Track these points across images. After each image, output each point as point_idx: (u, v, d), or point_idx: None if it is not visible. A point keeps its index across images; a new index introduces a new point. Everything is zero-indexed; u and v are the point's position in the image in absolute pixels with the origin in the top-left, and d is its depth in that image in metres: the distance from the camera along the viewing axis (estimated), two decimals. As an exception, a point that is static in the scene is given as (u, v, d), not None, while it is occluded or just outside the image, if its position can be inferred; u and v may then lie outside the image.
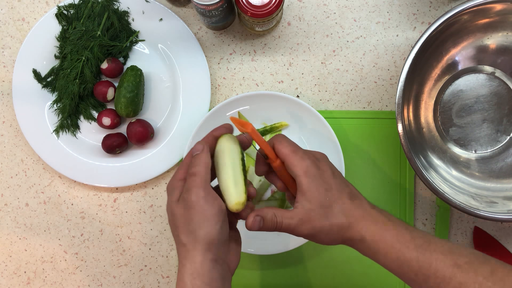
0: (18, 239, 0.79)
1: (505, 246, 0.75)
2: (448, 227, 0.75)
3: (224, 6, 0.67)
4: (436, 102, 0.75)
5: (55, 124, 0.76)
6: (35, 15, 0.78)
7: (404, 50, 0.76)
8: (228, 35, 0.77)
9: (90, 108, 0.77)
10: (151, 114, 0.77)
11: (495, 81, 0.74)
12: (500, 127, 0.74)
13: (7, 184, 0.78)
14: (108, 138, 0.74)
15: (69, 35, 0.74)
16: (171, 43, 0.76)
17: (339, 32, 0.77)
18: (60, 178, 0.78)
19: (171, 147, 0.76)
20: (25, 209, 0.78)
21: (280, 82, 0.77)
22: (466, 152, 0.75)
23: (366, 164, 0.76)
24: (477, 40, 0.72)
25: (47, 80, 0.76)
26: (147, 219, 0.78)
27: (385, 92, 0.77)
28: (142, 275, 0.78)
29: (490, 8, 0.66)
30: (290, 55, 0.77)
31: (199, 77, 0.75)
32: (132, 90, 0.72)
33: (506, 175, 0.72)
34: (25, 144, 0.78)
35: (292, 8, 0.76)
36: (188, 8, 0.77)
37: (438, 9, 0.76)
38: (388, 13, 0.76)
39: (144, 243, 0.78)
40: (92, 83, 0.75)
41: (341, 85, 0.77)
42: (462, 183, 0.72)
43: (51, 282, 0.78)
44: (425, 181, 0.65)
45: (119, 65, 0.75)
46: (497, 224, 0.76)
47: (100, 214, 0.78)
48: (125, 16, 0.75)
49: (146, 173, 0.75)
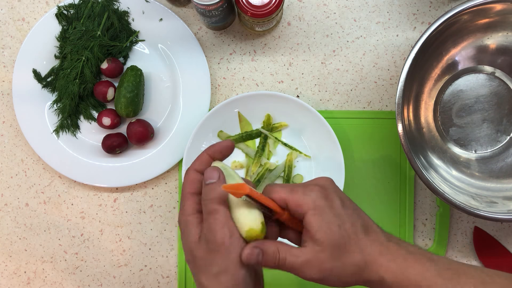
0: (18, 239, 0.79)
1: (505, 246, 0.75)
2: (448, 227, 0.75)
3: (224, 6, 0.67)
4: (436, 102, 0.75)
5: (55, 124, 0.76)
6: (35, 15, 0.78)
7: (404, 50, 0.76)
8: (228, 35, 0.77)
9: (90, 108, 0.77)
10: (151, 114, 0.77)
11: (495, 81, 0.74)
12: (500, 127, 0.74)
13: (7, 184, 0.78)
14: (108, 138, 0.74)
15: (69, 35, 0.74)
16: (171, 43, 0.76)
17: (339, 32, 0.77)
18: (60, 178, 0.78)
19: (171, 147, 0.76)
20: (25, 209, 0.78)
21: (280, 82, 0.77)
22: (466, 152, 0.75)
23: (366, 164, 0.76)
24: (477, 40, 0.72)
25: (47, 80, 0.76)
26: (147, 219, 0.78)
27: (385, 92, 0.77)
28: (142, 275, 0.78)
29: (490, 8, 0.66)
30: (290, 55, 0.77)
31: (199, 77, 0.75)
32: (132, 90, 0.72)
33: (506, 175, 0.72)
34: (25, 144, 0.78)
35: (292, 8, 0.76)
36: (188, 8, 0.77)
37: (438, 9, 0.76)
38: (388, 13, 0.76)
39: (144, 243, 0.78)
40: (92, 83, 0.75)
41: (341, 85, 0.77)
42: (462, 183, 0.72)
43: (51, 282, 0.78)
44: (425, 181, 0.65)
45: (119, 65, 0.75)
46: (497, 224, 0.76)
47: (100, 214, 0.78)
48: (125, 16, 0.75)
49: (146, 173, 0.75)
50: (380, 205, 0.75)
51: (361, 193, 0.75)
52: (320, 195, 0.47)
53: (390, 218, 0.75)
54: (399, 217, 0.75)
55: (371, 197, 0.75)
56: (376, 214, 0.75)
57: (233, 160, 0.76)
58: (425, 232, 0.76)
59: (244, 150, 0.76)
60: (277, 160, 0.76)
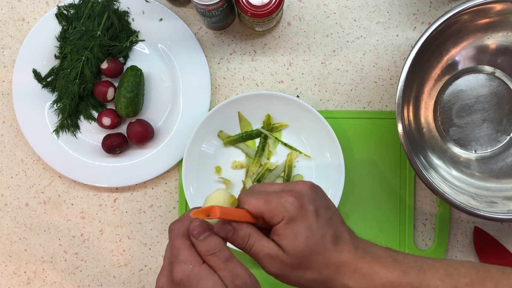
0: (18, 239, 0.79)
1: (505, 246, 0.75)
2: (448, 227, 0.75)
3: (224, 6, 0.67)
4: (436, 102, 0.75)
5: (55, 124, 0.76)
6: (35, 15, 0.78)
7: (404, 50, 0.76)
8: (228, 35, 0.77)
9: (90, 108, 0.77)
10: (151, 114, 0.77)
11: (495, 81, 0.74)
12: (500, 127, 0.74)
13: (7, 184, 0.78)
14: (108, 138, 0.74)
15: (69, 35, 0.74)
16: (171, 43, 0.76)
17: (339, 32, 0.77)
18: (60, 178, 0.78)
19: (171, 147, 0.76)
20: (25, 209, 0.78)
21: (280, 82, 0.77)
22: (466, 152, 0.75)
23: (366, 164, 0.76)
24: (477, 40, 0.72)
25: (47, 80, 0.76)
26: (147, 219, 0.78)
27: (385, 92, 0.77)
28: (142, 275, 0.78)
29: (490, 8, 0.66)
30: (290, 55, 0.77)
31: (199, 77, 0.75)
32: (132, 90, 0.72)
33: (506, 175, 0.72)
34: (25, 144, 0.78)
35: (292, 8, 0.76)
36: (188, 8, 0.77)
37: (438, 9, 0.76)
38: (388, 13, 0.76)
39: (144, 243, 0.78)
40: (92, 83, 0.75)
41: (341, 85, 0.77)
42: (462, 183, 0.72)
43: (51, 282, 0.78)
44: (425, 181, 0.65)
45: (119, 65, 0.75)
46: (497, 224, 0.76)
47: (100, 214, 0.78)
48: (125, 16, 0.75)
49: (146, 173, 0.75)
50: (380, 205, 0.75)
51: (361, 193, 0.75)
52: (294, 205, 0.47)
53: (390, 218, 0.75)
54: (399, 217, 0.75)
55: (371, 197, 0.75)
56: (376, 214, 0.75)
57: (233, 160, 0.76)
58: (425, 232, 0.76)
59: (244, 150, 0.76)
60: (277, 160, 0.76)
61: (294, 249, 0.47)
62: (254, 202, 0.48)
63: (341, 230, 0.50)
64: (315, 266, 0.48)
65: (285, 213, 0.47)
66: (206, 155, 0.75)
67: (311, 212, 0.48)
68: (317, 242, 0.47)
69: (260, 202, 0.48)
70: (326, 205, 0.50)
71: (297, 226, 0.47)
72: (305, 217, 0.47)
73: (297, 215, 0.47)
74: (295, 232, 0.47)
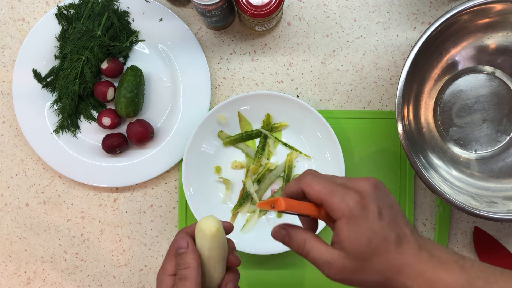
0: (18, 239, 0.79)
1: (505, 246, 0.75)
2: (448, 227, 0.75)
3: (224, 6, 0.67)
4: (436, 102, 0.75)
5: (55, 124, 0.76)
6: (35, 15, 0.78)
7: (404, 50, 0.76)
8: (228, 35, 0.77)
9: (90, 108, 0.77)
10: (151, 114, 0.77)
11: (495, 81, 0.74)
12: (500, 127, 0.74)
13: (7, 184, 0.78)
14: (108, 138, 0.74)
15: (69, 35, 0.74)
16: (171, 43, 0.76)
17: (339, 32, 0.77)
18: (60, 178, 0.78)
19: (171, 147, 0.76)
20: (25, 209, 0.78)
21: (280, 82, 0.77)
22: (466, 152, 0.75)
23: (366, 164, 0.76)
24: (477, 40, 0.72)
25: (47, 80, 0.76)
26: (147, 219, 0.78)
27: (385, 92, 0.77)
28: (142, 275, 0.78)
29: (490, 8, 0.66)
30: (290, 55, 0.77)
31: (199, 77, 0.75)
32: (132, 90, 0.72)
33: (506, 175, 0.72)
34: (25, 144, 0.78)
35: (292, 8, 0.76)
36: (188, 8, 0.77)
37: (438, 9, 0.76)
38: (388, 13, 0.76)
39: (144, 243, 0.78)
40: (92, 83, 0.75)
41: (341, 85, 0.77)
42: (462, 183, 0.72)
43: (51, 282, 0.78)
44: (425, 181, 0.65)
45: (119, 65, 0.75)
46: (497, 224, 0.76)
47: (100, 214, 0.78)
48: (125, 16, 0.75)
49: (146, 173, 0.75)
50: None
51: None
52: (357, 204, 0.46)
53: (390, 218, 0.75)
54: (399, 217, 0.75)
55: (371, 197, 0.75)
56: (376, 214, 0.75)
57: (233, 160, 0.76)
58: (425, 232, 0.76)
59: (244, 150, 0.76)
60: (277, 160, 0.76)
61: (357, 250, 0.46)
62: (319, 188, 0.47)
63: (404, 231, 0.48)
64: (377, 268, 0.46)
65: (347, 211, 0.46)
66: (206, 155, 0.75)
67: (374, 213, 0.46)
68: (379, 244, 0.46)
69: (325, 190, 0.47)
70: (389, 204, 0.48)
71: (359, 227, 0.46)
72: (368, 218, 0.46)
73: (359, 215, 0.46)
74: (358, 233, 0.46)
